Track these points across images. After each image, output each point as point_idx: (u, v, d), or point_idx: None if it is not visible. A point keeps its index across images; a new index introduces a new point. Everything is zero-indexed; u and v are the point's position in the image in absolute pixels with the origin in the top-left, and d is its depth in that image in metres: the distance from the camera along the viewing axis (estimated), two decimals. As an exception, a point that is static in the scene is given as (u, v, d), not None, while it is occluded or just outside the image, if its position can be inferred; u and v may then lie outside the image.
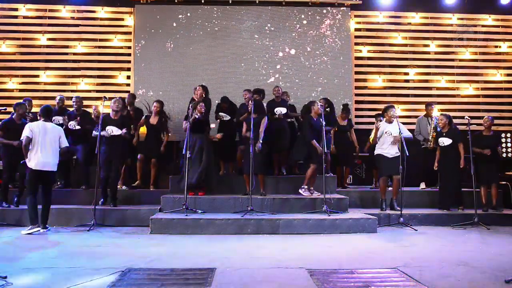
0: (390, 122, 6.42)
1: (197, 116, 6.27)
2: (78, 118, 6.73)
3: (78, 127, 6.65)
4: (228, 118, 7.10)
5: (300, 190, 6.41)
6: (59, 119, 6.80)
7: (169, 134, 7.23)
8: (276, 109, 7.01)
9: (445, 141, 6.49)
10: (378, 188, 6.78)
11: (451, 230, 5.76)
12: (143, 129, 7.11)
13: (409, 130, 6.71)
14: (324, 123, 6.22)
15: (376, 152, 6.49)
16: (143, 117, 7.11)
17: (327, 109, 6.66)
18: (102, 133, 5.96)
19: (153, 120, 6.99)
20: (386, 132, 6.36)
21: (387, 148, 6.36)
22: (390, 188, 6.58)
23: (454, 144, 6.44)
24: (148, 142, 6.95)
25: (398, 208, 6.13)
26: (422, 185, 7.59)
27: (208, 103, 6.79)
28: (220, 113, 7.16)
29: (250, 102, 6.46)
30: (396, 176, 6.19)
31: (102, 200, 6.27)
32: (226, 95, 7.37)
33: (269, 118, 6.79)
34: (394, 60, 9.00)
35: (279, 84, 8.04)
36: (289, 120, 7.27)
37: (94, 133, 6.08)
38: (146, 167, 7.00)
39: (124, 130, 6.18)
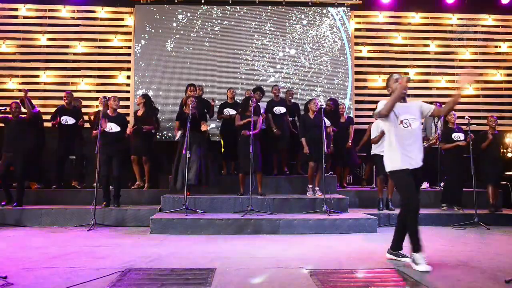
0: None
1: (181, 135, 6.29)
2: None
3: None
4: (233, 113, 6.81)
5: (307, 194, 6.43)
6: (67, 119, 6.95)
7: (158, 127, 7.29)
8: (275, 109, 7.00)
9: (461, 136, 6.46)
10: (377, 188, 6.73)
11: (451, 230, 5.77)
12: None
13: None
14: (327, 122, 6.12)
15: (372, 151, 6.35)
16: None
17: (327, 107, 6.53)
18: (106, 128, 5.96)
19: (139, 112, 6.88)
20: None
21: (382, 147, 6.33)
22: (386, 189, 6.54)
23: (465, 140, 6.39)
24: (136, 140, 6.80)
25: (392, 207, 6.11)
26: (425, 185, 7.55)
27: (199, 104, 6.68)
28: (225, 109, 7.06)
29: (251, 102, 6.38)
30: None
31: (105, 203, 6.11)
32: (225, 95, 7.38)
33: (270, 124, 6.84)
34: (394, 60, 9.01)
35: (279, 84, 8.04)
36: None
37: (95, 132, 6.02)
38: (141, 167, 6.94)
39: (129, 129, 6.23)
